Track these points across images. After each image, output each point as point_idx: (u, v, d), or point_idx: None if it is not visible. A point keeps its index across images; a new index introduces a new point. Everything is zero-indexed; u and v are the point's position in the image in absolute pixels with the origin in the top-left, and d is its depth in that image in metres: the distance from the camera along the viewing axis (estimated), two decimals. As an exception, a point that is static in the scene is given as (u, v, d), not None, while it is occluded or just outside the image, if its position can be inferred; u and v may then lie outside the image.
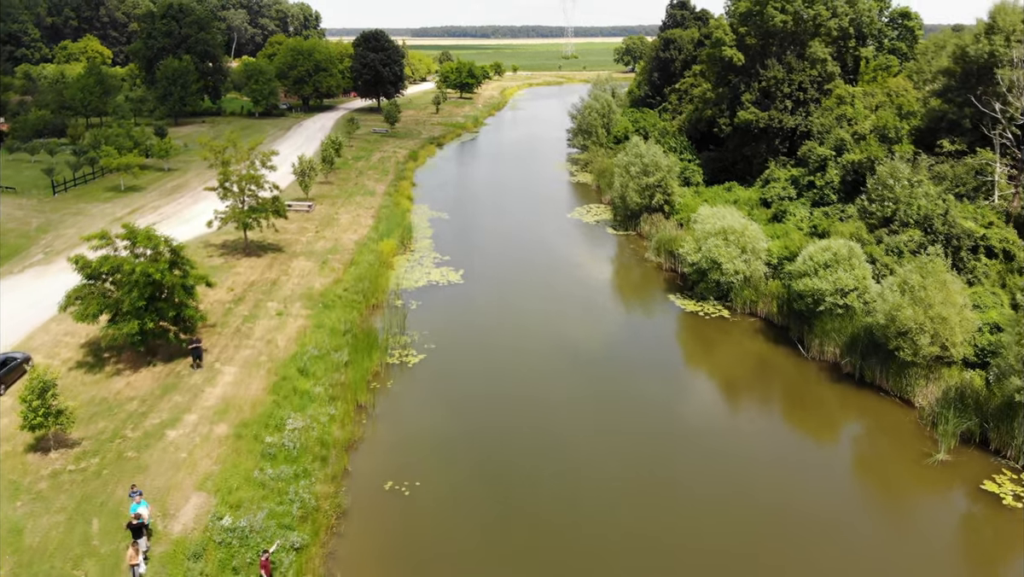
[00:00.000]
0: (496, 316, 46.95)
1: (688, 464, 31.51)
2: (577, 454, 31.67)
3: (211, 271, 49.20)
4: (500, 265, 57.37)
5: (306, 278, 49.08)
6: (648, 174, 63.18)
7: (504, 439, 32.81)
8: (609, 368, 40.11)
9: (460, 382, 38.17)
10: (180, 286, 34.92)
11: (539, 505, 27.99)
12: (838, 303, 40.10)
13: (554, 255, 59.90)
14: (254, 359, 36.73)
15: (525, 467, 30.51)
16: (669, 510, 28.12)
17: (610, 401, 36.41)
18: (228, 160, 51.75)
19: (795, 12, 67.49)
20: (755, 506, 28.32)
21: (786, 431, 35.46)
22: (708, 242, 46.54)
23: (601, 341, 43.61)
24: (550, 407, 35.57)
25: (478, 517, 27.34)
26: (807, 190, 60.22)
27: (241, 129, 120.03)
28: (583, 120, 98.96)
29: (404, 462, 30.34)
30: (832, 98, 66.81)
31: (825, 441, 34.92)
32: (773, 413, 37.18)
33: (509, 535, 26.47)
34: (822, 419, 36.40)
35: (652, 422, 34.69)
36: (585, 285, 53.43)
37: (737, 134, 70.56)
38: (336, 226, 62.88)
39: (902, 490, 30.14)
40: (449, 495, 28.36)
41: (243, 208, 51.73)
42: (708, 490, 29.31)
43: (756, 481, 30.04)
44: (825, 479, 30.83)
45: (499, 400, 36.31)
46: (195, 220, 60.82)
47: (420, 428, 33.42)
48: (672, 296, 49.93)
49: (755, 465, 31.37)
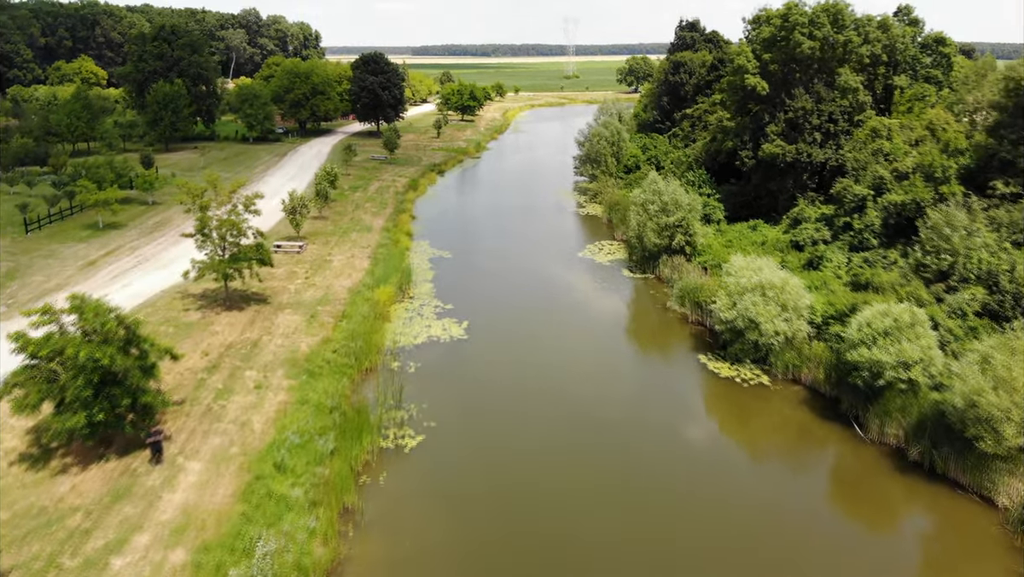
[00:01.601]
0: (505, 382, 41.66)
1: (730, 559, 26.12)
2: (603, 566, 26.27)
3: (185, 329, 44.04)
4: (507, 316, 52.15)
5: (291, 337, 43.81)
6: (668, 213, 58.13)
7: (518, 551, 27.40)
8: (639, 449, 34.74)
9: (465, 474, 32.74)
10: (137, 368, 29.66)
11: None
12: (901, 377, 34.82)
13: (567, 304, 54.67)
14: (224, 451, 31.37)
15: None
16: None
17: (640, 496, 31.02)
18: (207, 204, 46.68)
19: (824, 38, 62.82)
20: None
21: (844, 528, 30.02)
22: (745, 299, 41.35)
23: (625, 413, 38.28)
24: (569, 504, 30.19)
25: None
26: (843, 232, 55.13)
27: (234, 155, 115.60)
28: (591, 148, 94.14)
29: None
30: (864, 130, 61.93)
31: (888, 540, 29.53)
32: (825, 506, 31.77)
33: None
34: (885, 514, 31.06)
35: (689, 522, 29.30)
36: (603, 341, 48.18)
37: (761, 167, 65.61)
38: (328, 270, 57.71)
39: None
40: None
41: (223, 257, 46.59)
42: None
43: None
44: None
45: (511, 497, 30.92)
46: (176, 263, 55.74)
47: (417, 540, 27.99)
48: (702, 356, 44.62)
49: (807, 561, 26.01)
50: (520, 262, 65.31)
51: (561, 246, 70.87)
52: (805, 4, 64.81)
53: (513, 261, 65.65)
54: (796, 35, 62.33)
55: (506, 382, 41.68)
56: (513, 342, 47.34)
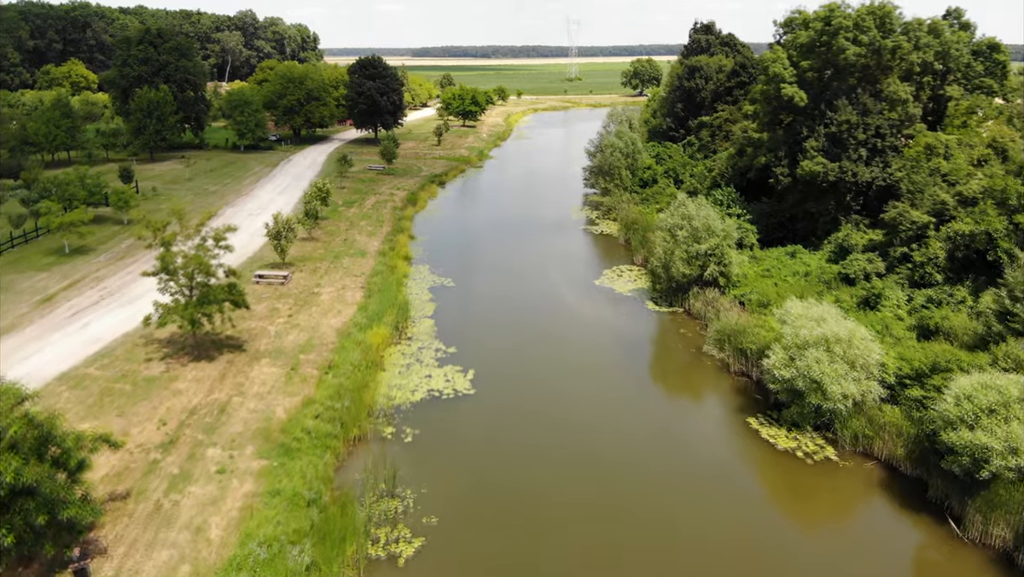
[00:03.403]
0: (521, 453, 35.07)
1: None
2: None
3: (144, 388, 37.51)
4: (519, 362, 45.60)
5: (266, 398, 37.21)
6: (699, 240, 51.57)
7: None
8: (691, 550, 28.20)
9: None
10: (57, 474, 23.10)
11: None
12: (1009, 465, 28.28)
13: (588, 346, 48.07)
14: (170, 573, 24.78)
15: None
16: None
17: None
18: (170, 240, 40.17)
19: (870, 43, 56.27)
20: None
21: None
22: (807, 356, 34.76)
23: (672, 499, 31.71)
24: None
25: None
26: (900, 264, 48.62)
27: (223, 166, 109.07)
28: (604, 160, 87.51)
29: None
30: (916, 146, 55.38)
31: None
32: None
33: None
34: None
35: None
36: (634, 397, 41.63)
37: (798, 186, 59.03)
38: (315, 305, 51.15)
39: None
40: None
41: (190, 300, 40.05)
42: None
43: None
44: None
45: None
46: (144, 298, 49.17)
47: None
48: (751, 419, 37.98)
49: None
50: (531, 292, 58.73)
51: (575, 272, 64.29)
52: (848, 6, 58.33)
53: (523, 291, 59.08)
54: (840, 40, 55.77)
55: (522, 453, 35.07)
56: (527, 398, 40.76)
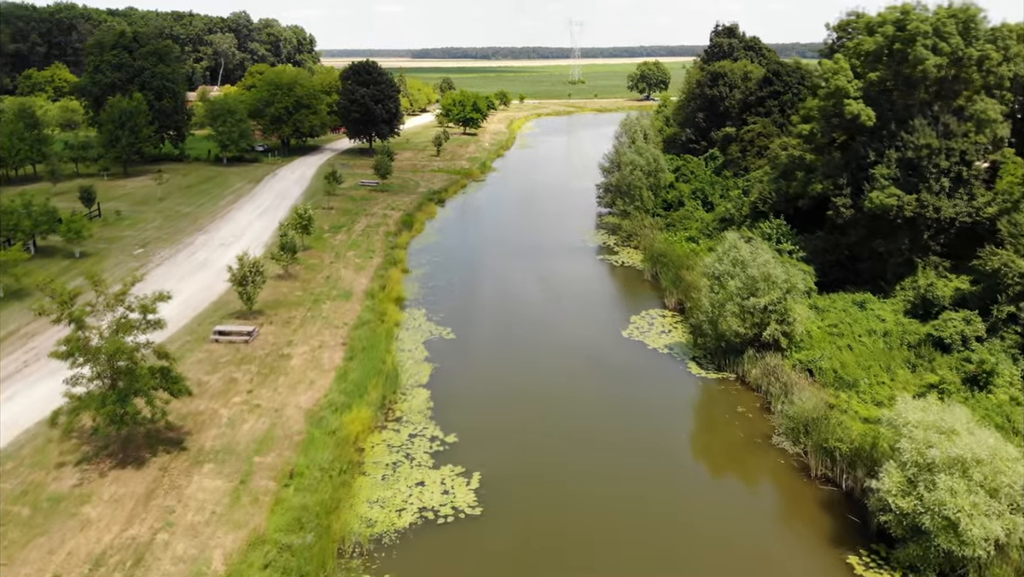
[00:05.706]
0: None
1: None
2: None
3: (44, 515, 28.14)
4: (537, 456, 36.03)
5: (202, 535, 27.68)
6: (756, 293, 42.14)
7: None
8: None
9: None
10: None
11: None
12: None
13: (623, 432, 38.32)
14: None
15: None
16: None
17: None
18: (82, 315, 30.75)
19: (952, 52, 46.91)
20: None
21: None
22: (938, 485, 25.35)
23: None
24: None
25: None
26: (1005, 326, 39.24)
27: (200, 182, 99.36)
28: (622, 178, 78.03)
29: None
30: (1013, 177, 46.00)
31: None
32: None
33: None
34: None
35: None
36: (691, 514, 32.17)
37: (863, 220, 49.62)
38: (283, 374, 41.67)
39: None
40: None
41: (111, 389, 30.62)
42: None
43: None
44: None
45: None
46: (74, 364, 39.66)
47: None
48: (851, 557, 28.35)
49: None
50: (547, 347, 49.24)
51: (597, 318, 54.80)
52: (925, 8, 49.01)
53: (537, 345, 49.56)
54: (918, 48, 46.38)
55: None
56: (551, 520, 31.20)
